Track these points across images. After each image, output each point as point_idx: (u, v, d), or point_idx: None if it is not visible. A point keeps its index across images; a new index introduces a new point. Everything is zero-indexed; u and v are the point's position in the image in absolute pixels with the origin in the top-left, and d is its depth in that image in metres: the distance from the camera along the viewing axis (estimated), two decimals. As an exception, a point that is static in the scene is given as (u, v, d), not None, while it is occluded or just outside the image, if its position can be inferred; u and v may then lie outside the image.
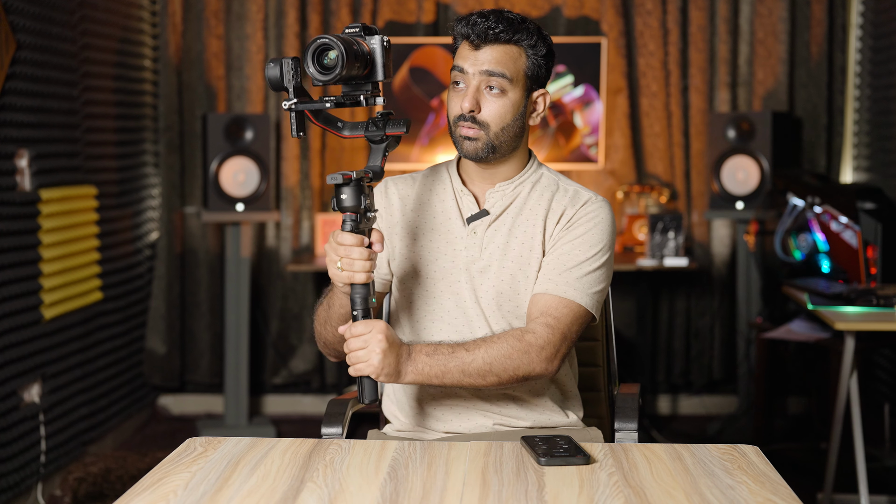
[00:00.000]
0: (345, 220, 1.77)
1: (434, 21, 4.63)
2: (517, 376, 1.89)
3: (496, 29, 1.91)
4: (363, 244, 1.77)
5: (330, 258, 1.80)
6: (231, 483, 1.54)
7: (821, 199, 3.77)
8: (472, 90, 1.93)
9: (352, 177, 1.74)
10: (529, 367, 1.89)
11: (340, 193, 1.75)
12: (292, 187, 4.63)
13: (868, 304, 3.24)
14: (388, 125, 1.85)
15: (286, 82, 1.73)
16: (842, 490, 3.45)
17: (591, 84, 4.42)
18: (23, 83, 3.42)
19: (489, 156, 1.96)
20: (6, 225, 3.31)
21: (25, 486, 3.44)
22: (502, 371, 1.87)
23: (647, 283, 4.56)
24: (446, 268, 1.99)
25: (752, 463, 1.63)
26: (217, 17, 4.62)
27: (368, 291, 1.79)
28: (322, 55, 1.71)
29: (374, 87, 1.80)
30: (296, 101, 1.75)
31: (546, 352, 1.89)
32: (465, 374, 1.86)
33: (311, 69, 1.71)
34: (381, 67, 1.78)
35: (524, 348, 1.88)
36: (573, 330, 1.94)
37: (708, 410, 4.73)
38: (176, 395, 4.80)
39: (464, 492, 1.50)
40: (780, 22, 4.55)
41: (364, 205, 1.77)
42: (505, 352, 1.87)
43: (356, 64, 1.73)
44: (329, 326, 1.95)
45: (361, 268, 1.77)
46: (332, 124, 1.85)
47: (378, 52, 1.78)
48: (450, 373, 1.86)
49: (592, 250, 1.96)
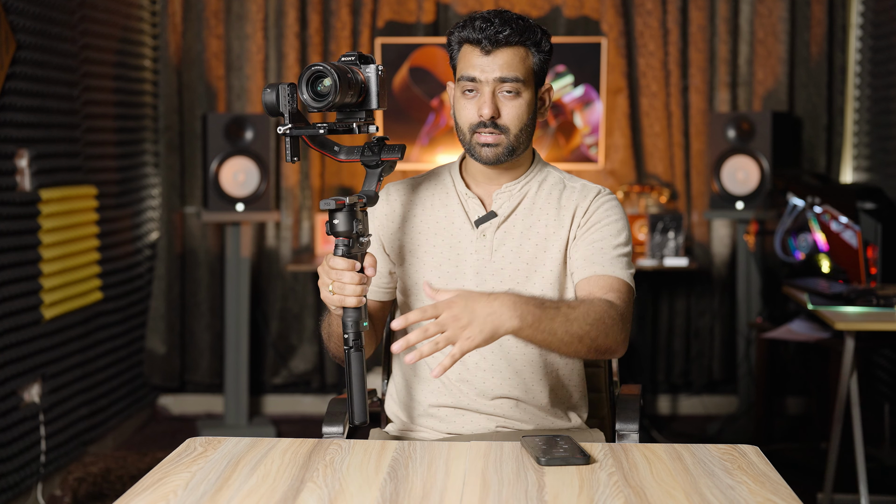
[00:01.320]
0: (337, 244, 1.78)
1: (434, 21, 4.63)
2: (605, 346, 1.82)
3: (504, 33, 1.91)
4: (355, 269, 1.78)
5: (322, 281, 1.81)
6: (231, 483, 1.54)
7: (821, 199, 3.77)
8: (488, 96, 1.92)
9: (345, 202, 1.76)
10: (615, 339, 1.83)
11: (333, 219, 1.77)
12: (292, 187, 4.63)
13: (868, 304, 3.24)
14: (383, 151, 1.87)
15: (282, 107, 1.75)
16: (842, 490, 3.45)
17: (591, 84, 4.42)
18: (23, 83, 3.42)
19: (508, 158, 1.96)
20: (6, 225, 3.31)
21: (25, 486, 3.44)
22: (597, 335, 1.79)
23: (647, 283, 4.56)
24: (451, 272, 1.99)
25: (752, 463, 1.63)
26: (217, 17, 4.62)
27: (360, 315, 1.80)
28: (316, 82, 1.73)
29: (369, 115, 1.82)
30: (291, 127, 1.77)
31: (627, 328, 1.87)
32: (568, 333, 1.75)
33: (305, 95, 1.73)
34: (376, 96, 1.80)
35: (616, 316, 1.83)
36: (631, 306, 1.93)
37: (708, 410, 4.73)
38: (176, 395, 4.80)
39: (464, 492, 1.50)
40: (780, 22, 4.55)
41: (356, 230, 1.78)
42: (601, 316, 1.80)
43: (350, 92, 1.74)
44: (332, 343, 1.97)
45: (352, 292, 1.77)
46: (329, 149, 1.86)
47: (373, 80, 1.80)
48: (554, 331, 1.73)
49: (621, 236, 1.98)
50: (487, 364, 1.98)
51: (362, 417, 1.82)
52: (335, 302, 1.80)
